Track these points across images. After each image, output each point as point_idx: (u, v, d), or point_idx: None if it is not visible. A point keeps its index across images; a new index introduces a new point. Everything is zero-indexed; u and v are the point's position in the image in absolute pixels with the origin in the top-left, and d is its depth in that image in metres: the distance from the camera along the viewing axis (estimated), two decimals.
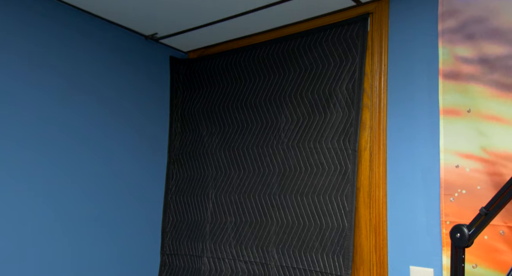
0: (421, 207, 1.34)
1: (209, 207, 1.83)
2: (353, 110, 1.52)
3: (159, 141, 2.03)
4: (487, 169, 1.18)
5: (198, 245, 1.82)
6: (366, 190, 1.48)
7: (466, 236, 1.06)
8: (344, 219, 1.46)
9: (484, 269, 1.15)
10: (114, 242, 1.78)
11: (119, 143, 1.83)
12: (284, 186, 1.64)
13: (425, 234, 1.31)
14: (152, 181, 1.97)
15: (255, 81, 1.83)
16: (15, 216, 1.49)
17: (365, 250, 1.44)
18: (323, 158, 1.57)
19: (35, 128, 1.56)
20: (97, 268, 1.71)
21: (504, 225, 1.13)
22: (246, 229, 1.70)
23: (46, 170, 1.58)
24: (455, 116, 1.26)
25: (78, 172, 1.68)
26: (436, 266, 1.27)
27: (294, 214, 1.59)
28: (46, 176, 1.57)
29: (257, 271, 1.63)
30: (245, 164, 1.78)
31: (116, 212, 1.80)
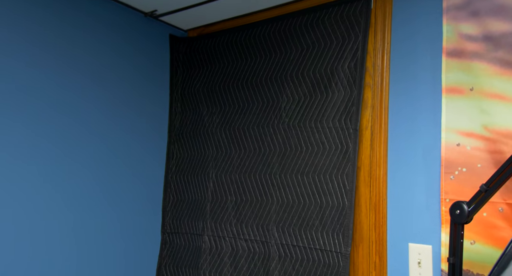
0: (421, 185, 1.34)
1: (210, 186, 1.84)
2: (355, 89, 1.52)
3: (159, 121, 2.02)
4: (488, 147, 1.19)
5: (199, 224, 1.84)
6: (367, 169, 1.48)
7: (466, 212, 1.07)
8: (344, 197, 1.48)
9: (482, 245, 1.16)
10: (115, 220, 1.79)
11: (118, 123, 1.82)
12: (285, 166, 1.65)
13: (424, 212, 1.32)
14: (153, 161, 1.97)
15: (256, 60, 1.81)
16: (17, 196, 1.49)
17: (365, 228, 1.45)
18: (324, 137, 1.57)
19: (33, 108, 1.55)
20: (99, 246, 1.73)
21: (503, 202, 1.14)
22: (246, 208, 1.72)
23: (46, 151, 1.57)
24: (457, 95, 1.26)
25: (78, 152, 1.67)
26: (434, 243, 1.28)
27: (294, 193, 1.60)
28: (45, 157, 1.57)
29: (257, 249, 1.65)
30: (245, 143, 1.78)
31: (116, 192, 1.80)
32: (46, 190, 1.57)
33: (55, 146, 1.60)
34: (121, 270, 1.79)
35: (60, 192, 1.62)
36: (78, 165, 1.67)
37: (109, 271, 1.75)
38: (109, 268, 1.75)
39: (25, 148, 1.52)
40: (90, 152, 1.71)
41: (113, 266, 1.77)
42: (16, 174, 1.49)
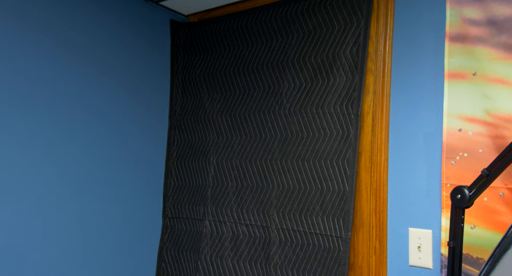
0: (422, 170, 1.35)
1: (211, 172, 1.85)
2: (357, 74, 1.51)
3: (159, 107, 2.02)
4: (490, 132, 1.19)
5: (200, 209, 1.85)
6: (368, 154, 1.48)
7: (467, 197, 1.08)
8: (345, 183, 1.48)
9: (482, 229, 1.17)
10: (117, 205, 1.80)
11: (119, 109, 1.82)
12: (286, 151, 1.65)
13: (425, 197, 1.33)
14: (153, 147, 1.97)
15: (257, 45, 1.80)
16: (20, 180, 1.50)
17: (365, 213, 1.46)
18: (325, 123, 1.57)
19: (33, 94, 1.54)
20: (101, 231, 1.74)
21: (504, 187, 1.14)
22: (247, 193, 1.72)
23: (46, 138, 1.57)
24: (460, 80, 1.26)
25: (79, 138, 1.67)
26: (435, 227, 1.29)
27: (295, 179, 1.60)
28: (46, 143, 1.57)
29: (258, 234, 1.66)
30: (246, 129, 1.78)
31: (117, 178, 1.81)
32: (47, 177, 1.58)
33: (56, 131, 1.60)
34: (123, 254, 1.81)
35: (62, 178, 1.62)
36: (79, 151, 1.67)
37: (111, 255, 1.77)
38: (111, 253, 1.77)
39: (26, 135, 1.52)
40: (91, 138, 1.71)
41: (115, 251, 1.78)
42: (18, 161, 1.49)
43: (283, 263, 1.57)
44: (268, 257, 1.61)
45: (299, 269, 1.53)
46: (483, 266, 0.79)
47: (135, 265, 1.85)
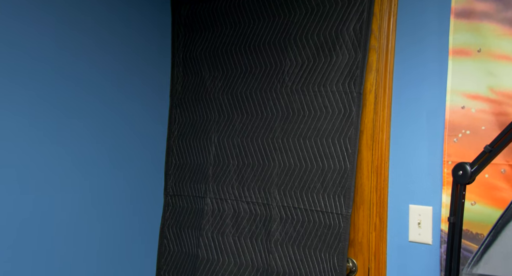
0: (424, 148, 1.35)
1: (212, 150, 1.85)
2: (360, 52, 1.50)
3: (160, 85, 2.01)
4: (493, 109, 1.19)
5: (201, 187, 1.86)
6: (370, 132, 1.49)
7: (469, 173, 1.09)
8: (346, 160, 1.49)
9: (482, 206, 1.18)
10: (119, 183, 1.81)
11: (120, 87, 1.81)
12: (287, 130, 1.65)
13: (426, 174, 1.34)
14: (155, 125, 1.97)
15: (259, 23, 1.78)
16: (23, 159, 1.50)
17: (366, 190, 1.47)
18: (327, 101, 1.56)
19: (34, 72, 1.53)
20: (103, 208, 1.75)
21: (506, 164, 1.15)
22: (248, 172, 1.73)
23: (48, 115, 1.57)
24: (464, 56, 1.25)
25: (80, 116, 1.67)
26: (435, 204, 1.31)
27: (296, 157, 1.61)
28: (48, 121, 1.57)
29: (259, 211, 1.68)
30: (248, 108, 1.77)
31: (119, 156, 1.81)
32: (49, 156, 1.58)
33: (59, 111, 1.60)
34: (125, 230, 1.83)
35: (64, 155, 1.62)
36: (81, 130, 1.67)
37: (113, 231, 1.79)
38: (113, 229, 1.79)
39: (29, 112, 1.51)
40: (93, 116, 1.71)
41: (117, 227, 1.80)
42: (22, 138, 1.50)
43: (284, 239, 1.59)
44: (269, 234, 1.63)
45: (299, 245, 1.55)
46: (485, 237, 0.80)
47: (137, 241, 1.88)
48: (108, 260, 1.76)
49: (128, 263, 1.83)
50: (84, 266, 1.69)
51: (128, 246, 1.84)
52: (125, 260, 1.83)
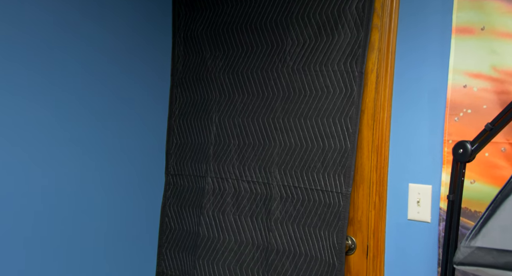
0: (425, 127, 1.36)
1: (213, 130, 1.85)
2: (362, 31, 1.48)
3: (161, 65, 2.00)
4: (495, 88, 1.18)
5: (202, 166, 1.87)
6: (371, 112, 1.49)
7: (469, 151, 1.09)
8: (347, 140, 1.49)
9: (481, 184, 1.19)
10: (120, 162, 1.82)
11: (120, 67, 1.80)
12: (288, 110, 1.65)
13: (426, 153, 1.34)
14: (156, 105, 1.97)
15: (260, 1, 1.76)
16: (23, 136, 1.51)
17: (366, 169, 1.48)
18: (329, 81, 1.56)
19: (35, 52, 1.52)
20: (105, 186, 1.77)
21: (506, 142, 1.16)
22: (249, 151, 1.74)
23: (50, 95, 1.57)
24: (468, 35, 1.24)
25: (81, 96, 1.67)
26: (435, 183, 1.32)
27: (297, 137, 1.61)
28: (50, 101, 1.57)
29: (259, 190, 1.69)
30: (249, 88, 1.77)
31: (120, 135, 1.82)
32: (50, 135, 1.58)
33: (59, 88, 1.59)
34: (127, 208, 1.85)
35: (65, 136, 1.63)
36: (82, 109, 1.67)
37: (115, 210, 1.81)
38: (114, 207, 1.80)
39: (31, 91, 1.51)
40: (93, 95, 1.71)
41: (118, 205, 1.82)
42: (25, 116, 1.50)
43: (284, 218, 1.61)
44: (269, 212, 1.65)
45: (299, 223, 1.57)
46: (484, 211, 0.81)
47: (138, 219, 1.90)
48: (110, 238, 1.79)
49: (130, 241, 1.86)
50: (86, 244, 1.71)
51: (129, 224, 1.86)
52: (127, 238, 1.85)
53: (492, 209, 0.80)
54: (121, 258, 1.83)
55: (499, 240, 0.76)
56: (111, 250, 1.79)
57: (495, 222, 0.77)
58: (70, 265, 1.66)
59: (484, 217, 0.81)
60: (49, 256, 1.60)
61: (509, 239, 0.74)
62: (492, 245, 0.77)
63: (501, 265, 0.74)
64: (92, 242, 1.73)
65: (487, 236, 0.78)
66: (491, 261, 0.75)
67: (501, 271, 0.74)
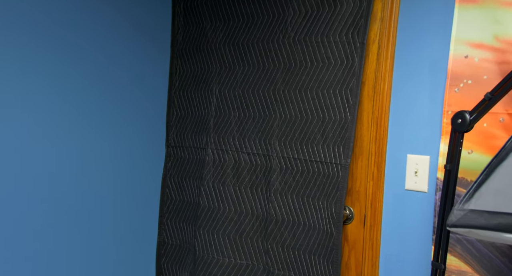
0: (425, 98, 1.35)
1: (213, 102, 1.85)
2: (365, 0, 1.46)
3: (161, 36, 1.98)
4: (496, 58, 1.18)
5: (202, 138, 1.88)
6: (371, 84, 1.48)
7: (467, 121, 1.09)
8: (347, 112, 1.49)
9: (479, 154, 1.20)
10: (120, 135, 1.83)
11: (119, 38, 1.79)
12: (289, 81, 1.64)
13: (425, 124, 1.35)
14: (155, 77, 1.96)
15: None
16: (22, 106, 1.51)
17: (365, 141, 1.49)
18: (330, 52, 1.54)
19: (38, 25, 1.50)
20: (106, 159, 1.78)
21: (505, 113, 1.16)
22: (249, 123, 1.74)
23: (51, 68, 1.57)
24: (471, 4, 1.22)
25: (81, 68, 1.66)
26: (433, 153, 1.33)
27: (297, 109, 1.61)
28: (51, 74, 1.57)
29: (259, 162, 1.71)
30: (249, 59, 1.75)
31: (120, 107, 1.82)
32: (51, 106, 1.59)
33: (60, 62, 1.59)
34: (128, 180, 1.87)
35: (66, 107, 1.63)
36: (83, 81, 1.67)
37: (116, 181, 1.83)
38: (115, 178, 1.82)
39: (33, 64, 1.50)
40: (94, 67, 1.70)
41: (119, 177, 1.84)
42: (27, 90, 1.50)
43: (283, 188, 1.63)
44: (268, 183, 1.67)
45: (298, 194, 1.59)
46: (478, 176, 0.82)
47: (139, 191, 1.92)
48: (111, 209, 1.82)
49: (131, 211, 1.89)
50: (88, 216, 1.74)
51: (131, 195, 1.89)
52: (129, 209, 1.88)
53: (486, 174, 0.81)
54: (122, 228, 1.86)
55: (491, 203, 0.77)
56: (113, 221, 1.83)
57: (488, 186, 0.78)
58: (74, 238, 1.70)
59: (478, 182, 0.82)
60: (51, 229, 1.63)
61: (501, 201, 0.76)
62: (484, 208, 0.78)
63: (492, 227, 0.76)
64: (93, 214, 1.76)
65: (481, 199, 0.79)
66: (483, 222, 0.77)
67: (491, 232, 0.76)
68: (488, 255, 1.13)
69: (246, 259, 1.71)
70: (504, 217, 0.74)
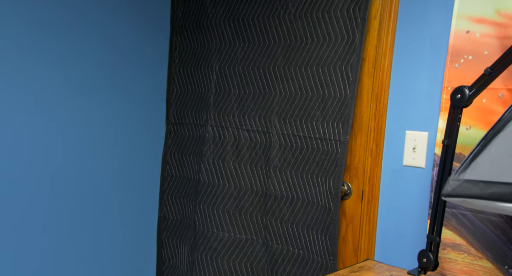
0: (425, 75, 1.35)
1: (213, 79, 1.85)
2: None
3: (160, 12, 1.96)
4: (498, 33, 1.17)
5: (202, 115, 1.88)
6: (372, 60, 1.48)
7: (466, 96, 1.10)
8: (347, 88, 1.49)
9: (477, 130, 1.21)
10: (121, 112, 1.83)
11: (118, 14, 1.77)
12: (289, 58, 1.64)
13: (425, 100, 1.35)
14: (155, 53, 1.95)
15: None
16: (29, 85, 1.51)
17: (365, 117, 1.50)
18: (331, 28, 1.53)
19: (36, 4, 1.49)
20: (106, 135, 1.79)
21: (504, 88, 1.16)
22: (249, 100, 1.74)
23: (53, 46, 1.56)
24: None
25: (81, 46, 1.66)
26: (431, 129, 1.33)
27: (297, 85, 1.61)
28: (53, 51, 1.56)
29: (259, 139, 1.72)
30: (250, 35, 1.74)
31: (120, 84, 1.82)
32: (55, 85, 1.59)
33: (59, 41, 1.59)
34: (128, 156, 1.89)
35: (67, 84, 1.63)
36: (81, 59, 1.67)
37: (116, 158, 1.84)
38: (116, 156, 1.84)
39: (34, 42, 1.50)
40: (92, 45, 1.69)
41: (120, 153, 1.85)
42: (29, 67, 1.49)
43: (283, 165, 1.64)
44: (268, 160, 1.68)
45: (297, 170, 1.61)
46: (474, 147, 0.83)
47: (140, 167, 1.94)
48: (112, 186, 1.84)
49: (132, 188, 1.91)
50: (92, 191, 1.76)
51: (131, 172, 1.91)
52: (130, 185, 1.90)
53: (482, 145, 0.82)
54: (124, 204, 1.89)
55: (487, 173, 0.78)
56: (114, 197, 1.85)
57: (484, 157, 0.79)
58: (77, 214, 1.72)
59: (475, 152, 0.83)
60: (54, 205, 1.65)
61: (496, 171, 0.77)
62: (479, 178, 0.79)
63: (486, 196, 0.77)
64: (96, 191, 1.78)
65: (476, 169, 0.80)
66: (478, 192, 0.78)
67: (485, 201, 0.77)
68: (482, 228, 1.15)
69: (245, 233, 1.74)
70: (498, 186, 0.75)
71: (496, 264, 1.15)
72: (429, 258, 1.16)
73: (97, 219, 1.79)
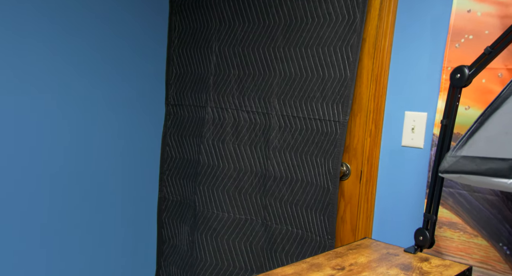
0: (426, 55, 1.35)
1: (213, 60, 1.84)
2: None
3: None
4: (499, 12, 1.16)
5: (202, 96, 1.88)
6: (372, 40, 1.47)
7: (466, 76, 1.09)
8: (347, 69, 1.49)
9: (475, 110, 1.21)
10: (120, 93, 1.83)
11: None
12: (289, 38, 1.63)
13: (424, 81, 1.35)
14: (154, 34, 1.94)
15: None
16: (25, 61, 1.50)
17: (364, 98, 1.50)
18: (331, 7, 1.52)
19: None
20: (107, 116, 1.79)
21: (504, 68, 1.15)
22: (249, 81, 1.74)
23: (54, 31, 1.54)
24: None
25: (80, 32, 1.64)
26: (430, 110, 1.33)
27: (297, 66, 1.61)
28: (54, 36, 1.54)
29: (258, 120, 1.72)
30: (249, 15, 1.73)
31: (119, 65, 1.81)
32: (56, 69, 1.58)
33: (60, 27, 1.57)
34: (128, 138, 1.89)
35: (68, 68, 1.62)
36: (79, 41, 1.65)
37: (117, 139, 1.85)
38: (115, 138, 1.84)
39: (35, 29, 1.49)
40: (90, 26, 1.68)
41: (120, 135, 1.86)
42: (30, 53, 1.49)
43: (282, 146, 1.65)
44: (267, 141, 1.69)
45: (296, 151, 1.61)
46: (472, 124, 0.83)
47: (140, 149, 1.95)
48: (112, 166, 1.85)
49: (132, 169, 1.93)
50: (93, 173, 1.77)
51: (131, 152, 1.91)
52: (130, 166, 1.91)
53: (480, 122, 0.82)
54: (125, 185, 1.90)
55: (483, 149, 0.79)
56: (115, 178, 1.86)
57: (481, 134, 0.80)
58: (78, 195, 1.74)
59: (472, 129, 0.84)
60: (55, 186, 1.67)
61: (493, 148, 0.77)
62: (476, 154, 0.80)
63: (482, 172, 0.78)
64: (97, 173, 1.79)
65: (473, 146, 0.81)
66: (474, 168, 0.79)
67: (481, 176, 0.78)
68: (478, 207, 1.17)
69: (245, 214, 1.76)
70: (494, 162, 0.76)
71: (491, 241, 1.17)
72: (425, 236, 1.18)
73: (97, 200, 1.81)
